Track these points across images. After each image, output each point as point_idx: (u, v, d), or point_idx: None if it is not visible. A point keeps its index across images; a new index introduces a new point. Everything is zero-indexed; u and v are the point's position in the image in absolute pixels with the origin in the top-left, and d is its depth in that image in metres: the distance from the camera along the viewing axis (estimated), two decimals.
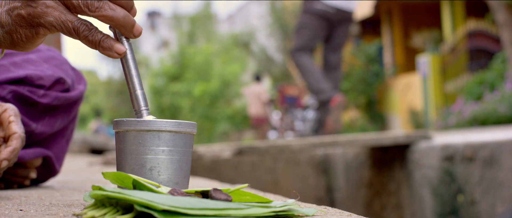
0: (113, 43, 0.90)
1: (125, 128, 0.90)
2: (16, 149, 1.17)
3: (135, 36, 0.92)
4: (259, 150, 4.59)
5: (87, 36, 0.89)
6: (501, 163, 3.76)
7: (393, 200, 4.77)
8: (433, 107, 11.54)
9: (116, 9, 0.89)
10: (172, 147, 0.89)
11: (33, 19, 0.89)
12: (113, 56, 0.90)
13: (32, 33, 0.90)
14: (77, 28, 0.89)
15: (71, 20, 0.88)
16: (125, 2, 0.90)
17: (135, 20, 0.92)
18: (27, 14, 0.88)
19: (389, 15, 14.49)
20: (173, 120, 0.91)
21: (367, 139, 4.72)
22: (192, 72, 21.24)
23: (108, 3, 0.89)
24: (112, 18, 0.89)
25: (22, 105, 1.41)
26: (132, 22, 0.91)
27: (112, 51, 0.90)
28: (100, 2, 0.88)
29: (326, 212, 0.92)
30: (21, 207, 0.98)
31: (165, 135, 0.89)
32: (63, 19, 0.88)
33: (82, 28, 0.89)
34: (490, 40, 10.95)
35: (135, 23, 0.91)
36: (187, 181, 0.93)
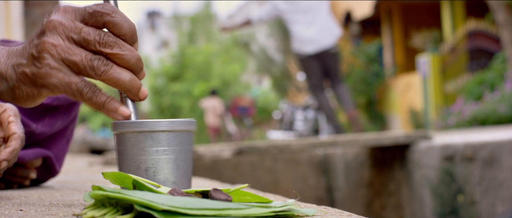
0: (117, 106, 0.89)
1: (120, 130, 0.90)
2: (16, 150, 1.17)
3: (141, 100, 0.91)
4: (259, 150, 4.59)
5: (91, 98, 0.88)
6: (501, 163, 3.76)
7: (393, 200, 4.77)
8: (433, 107, 11.54)
9: (122, 73, 0.87)
10: (166, 146, 0.89)
11: (37, 80, 0.87)
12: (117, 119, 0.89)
13: (34, 93, 0.89)
14: (81, 90, 0.87)
15: (75, 82, 0.87)
16: (134, 64, 0.88)
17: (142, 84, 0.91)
18: (31, 73, 0.87)
19: (389, 15, 14.49)
20: (167, 119, 0.91)
21: (367, 139, 4.72)
22: (192, 72, 21.24)
23: (115, 66, 0.87)
24: (117, 82, 0.87)
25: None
26: (138, 86, 0.89)
27: (116, 114, 0.89)
28: (106, 66, 0.86)
29: (326, 212, 0.92)
30: (21, 207, 0.98)
31: (158, 135, 0.89)
32: (66, 81, 0.86)
33: (85, 90, 0.87)
34: (490, 40, 10.95)
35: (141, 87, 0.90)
36: (187, 180, 0.93)
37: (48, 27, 0.86)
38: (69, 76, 0.86)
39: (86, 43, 0.86)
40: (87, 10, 0.87)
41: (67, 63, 0.86)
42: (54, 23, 0.86)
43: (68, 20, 0.86)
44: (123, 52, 0.87)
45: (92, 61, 0.86)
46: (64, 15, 0.87)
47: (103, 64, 0.86)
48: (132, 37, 0.88)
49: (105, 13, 0.86)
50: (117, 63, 0.87)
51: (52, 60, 0.86)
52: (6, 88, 0.90)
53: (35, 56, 0.86)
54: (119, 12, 0.87)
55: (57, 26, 0.86)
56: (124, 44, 0.87)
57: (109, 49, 0.86)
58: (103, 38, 0.86)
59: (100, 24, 0.87)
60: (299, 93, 15.69)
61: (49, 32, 0.86)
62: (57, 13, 0.87)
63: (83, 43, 0.86)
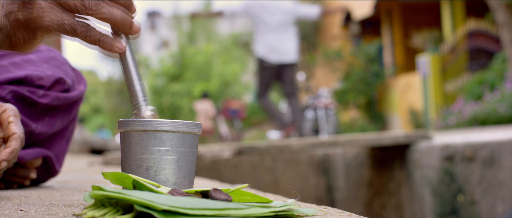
0: (112, 41, 0.89)
1: (124, 128, 0.90)
2: (15, 150, 1.17)
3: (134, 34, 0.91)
4: (259, 150, 4.59)
5: (86, 36, 0.88)
6: (501, 163, 3.76)
7: (393, 200, 4.77)
8: (433, 107, 11.54)
9: (113, 10, 0.88)
10: (169, 146, 0.89)
11: (30, 23, 0.88)
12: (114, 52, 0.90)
13: (29, 36, 0.90)
14: (75, 28, 0.88)
15: (68, 21, 0.87)
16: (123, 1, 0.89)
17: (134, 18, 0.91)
18: (24, 18, 0.88)
19: (389, 15, 14.49)
20: (171, 120, 0.90)
21: (367, 139, 4.72)
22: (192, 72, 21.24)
23: (106, 2, 0.88)
24: (110, 18, 0.88)
25: (22, 105, 1.41)
26: (130, 21, 0.90)
27: (112, 48, 0.89)
28: (97, 2, 0.87)
29: (326, 212, 0.92)
30: (21, 207, 0.98)
31: (161, 134, 0.89)
32: (59, 21, 0.87)
33: (79, 28, 0.88)
34: (490, 40, 10.95)
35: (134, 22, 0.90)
36: (189, 181, 0.92)
37: None
38: (62, 15, 0.87)
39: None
40: None
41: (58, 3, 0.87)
42: None
43: None
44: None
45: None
46: None
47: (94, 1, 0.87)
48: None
49: None
50: None
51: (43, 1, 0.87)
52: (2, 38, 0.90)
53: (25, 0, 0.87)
54: None
55: None
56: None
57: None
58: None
59: None
60: (299, 93, 15.69)
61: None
62: None
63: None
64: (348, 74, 13.93)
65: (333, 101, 12.36)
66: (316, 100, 11.63)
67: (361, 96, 13.60)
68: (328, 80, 15.25)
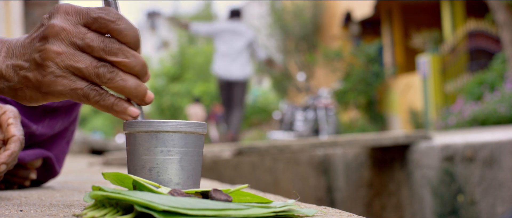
0: (126, 106, 0.88)
1: (128, 129, 0.90)
2: (14, 152, 1.16)
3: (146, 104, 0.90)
4: (259, 150, 4.59)
5: (99, 101, 0.87)
6: (501, 163, 3.76)
7: (393, 200, 4.77)
8: (433, 107, 11.54)
9: (128, 80, 0.86)
10: (171, 147, 0.89)
11: (42, 87, 0.86)
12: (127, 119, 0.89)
13: (37, 97, 0.88)
14: (87, 95, 0.86)
15: (81, 88, 0.86)
16: (139, 70, 0.87)
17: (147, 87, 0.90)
18: (35, 80, 0.85)
19: (389, 15, 14.49)
20: (173, 120, 0.90)
21: (367, 139, 4.72)
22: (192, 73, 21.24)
23: (120, 73, 0.86)
24: (123, 89, 0.86)
25: (22, 106, 1.41)
26: (144, 91, 0.88)
27: (125, 114, 0.89)
28: (111, 73, 0.85)
29: (326, 213, 0.92)
30: (21, 208, 0.98)
31: (163, 135, 0.89)
32: (72, 88, 0.85)
33: (92, 94, 0.86)
34: (490, 40, 10.95)
35: (147, 92, 0.89)
36: (193, 181, 0.92)
37: (51, 33, 0.84)
38: (75, 82, 0.85)
39: (90, 49, 0.85)
40: (91, 15, 0.85)
41: (71, 70, 0.85)
42: (56, 29, 0.84)
43: (70, 25, 0.85)
44: (128, 60, 0.86)
45: (97, 68, 0.85)
46: (66, 18, 0.85)
47: (108, 71, 0.85)
48: (136, 43, 0.87)
49: (110, 21, 0.85)
50: (122, 69, 0.86)
51: (56, 67, 0.84)
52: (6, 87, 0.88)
53: (38, 62, 0.85)
54: (123, 18, 0.86)
55: (60, 32, 0.84)
56: (128, 51, 0.86)
57: (114, 57, 0.85)
58: (107, 45, 0.85)
59: (104, 31, 0.85)
60: (299, 94, 15.69)
61: (51, 38, 0.84)
62: (58, 16, 0.85)
63: (86, 49, 0.85)
64: (348, 74, 13.93)
65: (333, 102, 12.36)
66: (316, 100, 11.64)
67: (361, 96, 13.60)
68: (328, 80, 15.25)
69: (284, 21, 16.52)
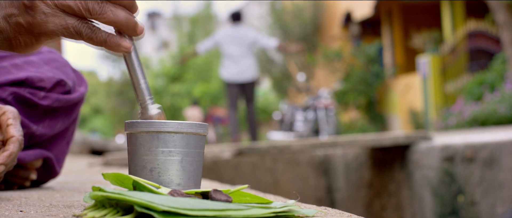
0: (118, 40, 0.89)
1: (130, 130, 0.90)
2: (13, 153, 1.16)
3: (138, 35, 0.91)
4: (259, 151, 4.59)
5: (91, 37, 0.88)
6: (501, 164, 3.76)
7: (393, 200, 4.77)
8: (433, 107, 11.54)
9: (117, 12, 0.88)
10: (172, 147, 0.89)
11: (33, 28, 0.87)
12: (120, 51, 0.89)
13: (32, 41, 0.89)
14: (80, 31, 0.87)
15: (72, 24, 0.87)
16: (126, 2, 0.89)
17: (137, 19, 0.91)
18: (26, 22, 0.86)
19: (389, 16, 14.49)
20: (174, 121, 0.90)
21: (367, 140, 4.72)
22: (192, 73, 21.25)
23: (109, 5, 0.87)
24: (114, 20, 0.88)
25: (22, 106, 1.41)
26: (134, 22, 0.90)
27: (119, 47, 0.89)
28: (101, 6, 0.87)
29: (326, 213, 0.92)
30: (21, 208, 0.98)
31: (165, 135, 0.89)
32: (63, 25, 0.86)
33: (84, 29, 0.87)
34: (490, 41, 10.95)
35: (137, 23, 0.90)
36: (194, 182, 0.92)
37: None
38: (65, 19, 0.86)
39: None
40: None
41: (60, 7, 0.86)
42: None
43: None
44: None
45: (86, 3, 0.86)
46: None
47: (98, 4, 0.86)
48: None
49: None
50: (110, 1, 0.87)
51: (45, 6, 0.85)
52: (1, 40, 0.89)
53: (27, 5, 0.86)
54: None
55: None
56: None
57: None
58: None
59: None
60: (299, 94, 15.69)
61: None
62: None
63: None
64: (348, 75, 13.92)
65: (333, 102, 12.36)
66: (316, 100, 11.63)
67: (361, 96, 13.60)
68: (328, 81, 15.25)
69: (284, 21, 16.52)
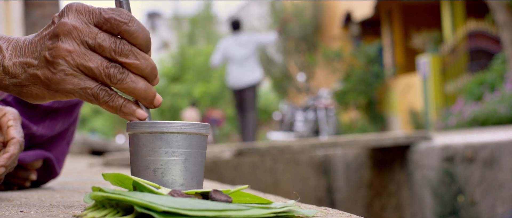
0: (134, 109, 0.88)
1: (132, 130, 0.90)
2: (14, 155, 1.16)
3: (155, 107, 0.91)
4: (259, 151, 4.59)
5: (107, 102, 0.87)
6: (501, 164, 3.76)
7: (393, 200, 4.77)
8: (433, 107, 11.54)
9: (138, 82, 0.86)
10: (175, 148, 0.89)
11: (51, 84, 0.85)
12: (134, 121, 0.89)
13: (44, 94, 0.87)
14: (97, 95, 0.86)
15: (91, 87, 0.85)
16: (149, 73, 0.87)
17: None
18: (44, 77, 0.85)
19: (389, 16, 14.49)
20: (178, 121, 0.90)
21: (367, 140, 4.72)
22: (192, 73, 21.26)
23: (130, 75, 0.86)
24: (133, 91, 0.86)
25: (23, 107, 1.41)
26: (153, 94, 0.88)
27: (133, 116, 0.89)
28: (122, 75, 0.85)
29: (326, 213, 0.92)
30: (22, 209, 0.98)
31: (168, 136, 0.89)
32: (82, 87, 0.85)
33: (101, 94, 0.86)
34: (490, 41, 10.95)
35: (156, 95, 0.89)
36: (197, 182, 0.92)
37: (62, 31, 0.84)
38: (84, 82, 0.85)
39: (101, 49, 0.84)
40: (103, 15, 0.85)
41: (82, 69, 0.85)
42: (68, 27, 0.84)
43: (82, 24, 0.84)
44: (138, 62, 0.86)
45: (108, 68, 0.85)
46: (78, 17, 0.85)
47: (119, 72, 0.85)
48: (147, 45, 0.87)
49: (122, 22, 0.85)
50: (132, 71, 0.86)
51: (67, 66, 0.84)
52: (11, 84, 0.88)
53: (49, 60, 0.84)
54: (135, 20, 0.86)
55: (72, 30, 0.84)
56: (139, 53, 0.86)
57: (124, 58, 0.85)
58: (118, 46, 0.85)
59: (116, 32, 0.85)
60: (299, 94, 15.70)
61: (63, 36, 0.84)
62: (70, 14, 0.85)
63: (97, 49, 0.84)
64: (348, 75, 13.92)
65: (333, 102, 12.37)
66: (316, 101, 11.64)
67: (361, 97, 13.60)
68: (328, 81, 15.25)
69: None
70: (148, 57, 0.87)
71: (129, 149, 0.92)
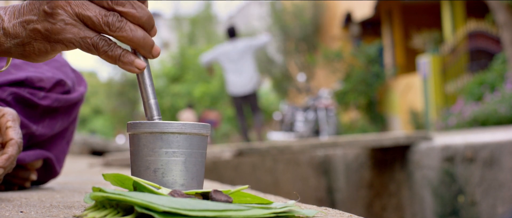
0: (133, 58, 0.89)
1: (133, 130, 0.91)
2: (12, 156, 1.16)
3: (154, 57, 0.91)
4: (260, 151, 4.59)
5: (107, 51, 0.88)
6: (502, 164, 3.76)
7: (394, 201, 4.77)
8: (433, 107, 11.54)
9: (136, 30, 0.88)
10: (175, 148, 0.89)
11: (51, 35, 0.87)
12: (133, 71, 0.90)
13: (46, 48, 0.89)
14: (96, 44, 0.87)
15: (90, 36, 0.87)
16: (146, 22, 0.89)
17: (154, 40, 0.91)
18: (44, 29, 0.87)
19: (389, 16, 14.49)
20: (178, 121, 0.90)
21: (368, 140, 4.72)
22: (193, 74, 21.26)
23: (129, 23, 0.87)
24: (132, 39, 0.88)
25: (22, 107, 1.41)
26: (151, 43, 0.90)
27: (132, 66, 0.89)
28: (120, 23, 0.87)
29: (326, 213, 0.92)
30: (22, 209, 0.98)
31: (168, 136, 0.89)
32: (82, 36, 0.87)
33: (101, 43, 0.87)
34: (490, 41, 10.95)
35: (154, 44, 0.90)
36: (197, 182, 0.92)
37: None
38: (84, 31, 0.87)
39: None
40: None
41: (81, 18, 0.86)
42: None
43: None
44: (135, 10, 0.87)
45: (106, 16, 0.86)
46: None
47: (117, 20, 0.87)
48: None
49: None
50: (129, 20, 0.88)
51: (66, 15, 0.86)
52: (13, 44, 0.89)
53: (47, 12, 0.86)
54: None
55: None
56: (135, 2, 0.88)
57: (121, 7, 0.87)
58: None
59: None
60: (300, 94, 15.69)
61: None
62: None
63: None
64: (349, 75, 13.92)
65: (333, 102, 12.36)
66: (317, 101, 11.64)
67: (361, 97, 13.60)
68: (329, 81, 15.25)
69: (284, 22, 16.53)
70: (144, 6, 0.89)
71: (129, 150, 0.92)
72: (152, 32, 0.90)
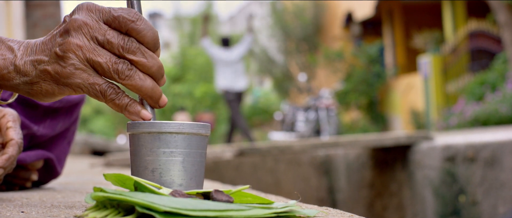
0: (139, 109, 0.89)
1: (132, 130, 0.91)
2: (12, 157, 1.16)
3: (160, 107, 0.91)
4: (261, 151, 4.59)
5: (114, 100, 0.88)
6: (503, 164, 3.76)
7: (395, 200, 4.77)
8: (434, 107, 11.54)
9: (145, 79, 0.87)
10: (173, 148, 0.89)
11: (60, 78, 0.87)
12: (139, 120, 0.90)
13: (53, 90, 0.88)
14: (104, 91, 0.87)
15: (99, 83, 0.87)
16: (156, 71, 0.88)
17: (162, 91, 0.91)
18: (54, 71, 0.86)
19: (390, 16, 14.49)
20: (176, 121, 0.90)
21: (369, 140, 4.72)
22: (193, 74, 21.27)
23: (138, 72, 0.87)
24: (140, 88, 0.87)
25: (23, 107, 1.41)
26: (159, 93, 0.90)
27: (138, 116, 0.89)
28: (130, 71, 0.86)
29: (327, 213, 0.92)
30: (23, 209, 0.98)
31: (166, 136, 0.89)
32: (90, 82, 0.86)
33: (109, 91, 0.87)
34: (491, 41, 10.95)
35: (162, 94, 0.90)
36: (196, 182, 0.92)
37: (73, 26, 0.86)
38: (93, 77, 0.87)
39: (109, 45, 0.86)
40: (112, 13, 0.86)
41: (91, 64, 0.86)
42: (79, 22, 0.85)
43: (92, 20, 0.86)
44: (145, 60, 0.87)
45: (117, 64, 0.86)
46: (88, 14, 0.87)
47: (127, 68, 0.86)
48: (154, 44, 0.88)
49: (130, 20, 0.86)
50: (139, 69, 0.87)
51: (77, 60, 0.86)
52: (21, 82, 0.89)
53: (59, 55, 0.86)
54: (143, 19, 0.87)
55: (82, 26, 0.85)
56: (147, 51, 0.87)
57: (132, 55, 0.86)
58: (127, 43, 0.86)
59: (124, 30, 0.86)
60: (301, 94, 15.69)
61: (73, 31, 0.85)
62: (81, 12, 0.87)
63: (106, 45, 0.86)
64: (350, 75, 13.92)
65: (334, 102, 12.36)
66: (318, 101, 11.64)
67: (362, 97, 13.60)
68: (330, 81, 15.25)
69: (285, 22, 16.53)
70: (155, 56, 0.89)
71: (129, 150, 0.92)
72: (161, 81, 0.90)
